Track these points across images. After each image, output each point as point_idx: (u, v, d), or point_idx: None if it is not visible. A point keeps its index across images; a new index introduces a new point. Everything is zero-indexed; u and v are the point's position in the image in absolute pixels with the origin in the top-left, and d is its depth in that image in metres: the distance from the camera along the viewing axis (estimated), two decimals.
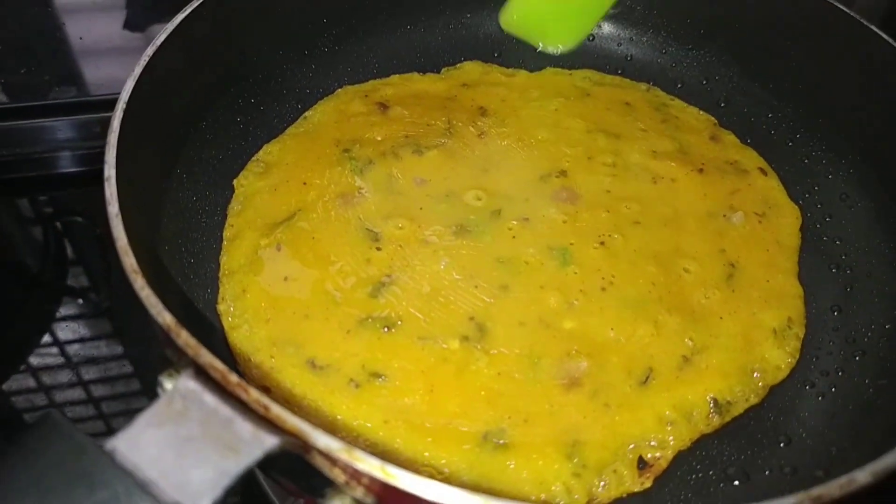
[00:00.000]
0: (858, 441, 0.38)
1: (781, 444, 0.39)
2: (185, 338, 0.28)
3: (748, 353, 0.42)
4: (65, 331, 0.53)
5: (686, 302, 0.43)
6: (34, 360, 0.52)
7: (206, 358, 0.27)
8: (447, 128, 0.51)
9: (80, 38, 0.69)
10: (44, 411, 0.49)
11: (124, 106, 0.37)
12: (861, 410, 0.40)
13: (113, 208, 0.32)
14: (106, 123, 0.59)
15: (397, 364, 0.39)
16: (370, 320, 0.41)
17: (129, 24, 0.71)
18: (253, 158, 0.48)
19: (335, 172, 0.47)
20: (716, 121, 0.54)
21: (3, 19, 0.69)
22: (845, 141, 0.51)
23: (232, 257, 0.43)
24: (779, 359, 0.42)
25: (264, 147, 0.49)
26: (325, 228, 0.44)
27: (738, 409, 0.40)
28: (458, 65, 0.56)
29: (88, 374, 0.51)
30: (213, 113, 0.47)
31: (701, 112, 0.55)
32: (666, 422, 0.39)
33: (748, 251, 0.46)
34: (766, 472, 0.38)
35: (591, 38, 0.59)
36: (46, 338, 0.53)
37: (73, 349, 0.53)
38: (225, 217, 0.45)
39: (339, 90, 0.53)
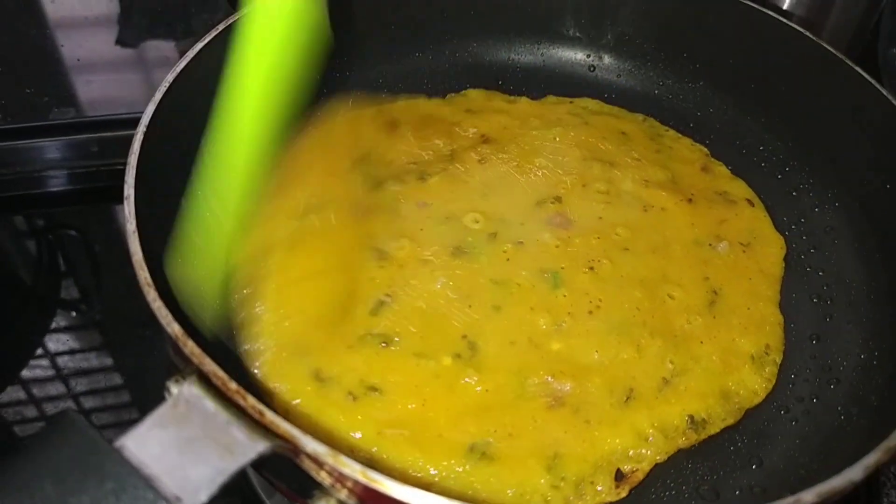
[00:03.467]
0: (827, 465, 0.40)
1: (753, 466, 0.41)
2: (191, 347, 0.31)
3: (726, 377, 0.44)
4: (56, 343, 0.54)
5: (669, 326, 0.45)
6: (25, 373, 0.53)
7: (210, 366, 0.30)
8: (450, 153, 0.53)
9: (78, 60, 0.70)
10: (61, 410, 0.50)
11: (145, 129, 0.40)
12: (831, 437, 0.42)
13: (131, 226, 0.35)
14: (102, 143, 0.62)
15: (393, 379, 0.41)
16: (370, 336, 0.42)
17: (122, 41, 0.72)
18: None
19: (347, 184, 0.49)
20: (708, 152, 0.56)
21: (0, 42, 0.71)
22: (832, 175, 0.53)
23: (247, 244, 0.43)
24: (755, 383, 0.44)
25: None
26: (337, 238, 0.46)
27: (714, 428, 0.42)
28: (463, 91, 0.59)
29: (79, 385, 0.52)
30: None
31: (694, 143, 0.57)
32: (644, 437, 0.41)
33: (731, 279, 0.48)
34: (737, 492, 0.40)
35: (591, 69, 0.62)
36: (38, 350, 0.54)
37: (63, 361, 0.53)
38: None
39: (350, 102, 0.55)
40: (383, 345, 0.42)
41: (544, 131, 0.55)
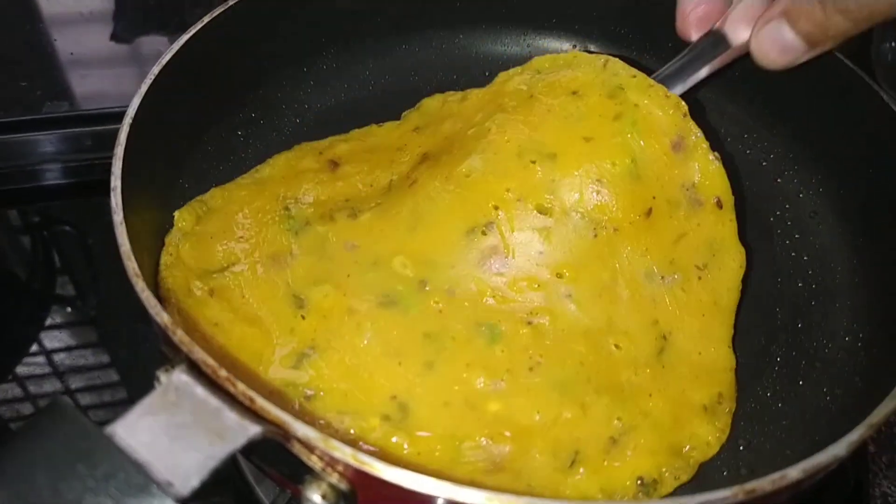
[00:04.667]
0: (813, 445, 0.40)
1: (741, 448, 0.42)
2: (179, 335, 0.31)
3: (678, 432, 0.40)
4: (51, 339, 0.54)
5: (615, 380, 0.41)
6: (20, 369, 0.53)
7: (199, 354, 0.30)
8: (388, 185, 0.48)
9: (71, 54, 0.71)
10: (52, 398, 0.50)
11: (131, 121, 0.40)
12: (817, 417, 0.43)
13: (118, 217, 0.35)
14: (96, 137, 0.62)
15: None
16: (291, 387, 0.39)
17: (117, 37, 0.72)
18: (197, 198, 0.46)
19: (271, 230, 0.45)
20: (685, 109, 0.45)
21: None
22: (816, 161, 0.54)
23: (169, 282, 0.41)
24: (709, 435, 0.41)
25: (211, 190, 0.47)
26: (255, 288, 0.42)
27: (666, 488, 0.39)
28: (418, 104, 0.54)
29: (74, 382, 0.52)
30: (215, 126, 0.50)
31: (669, 94, 0.45)
32: (591, 501, 0.38)
33: (682, 320, 0.43)
34: (724, 473, 0.41)
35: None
36: (33, 346, 0.54)
37: (58, 357, 0.53)
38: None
39: (296, 146, 0.51)
40: (306, 396, 0.39)
41: (481, 127, 0.46)
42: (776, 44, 0.42)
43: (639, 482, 0.39)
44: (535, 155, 0.43)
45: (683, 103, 0.45)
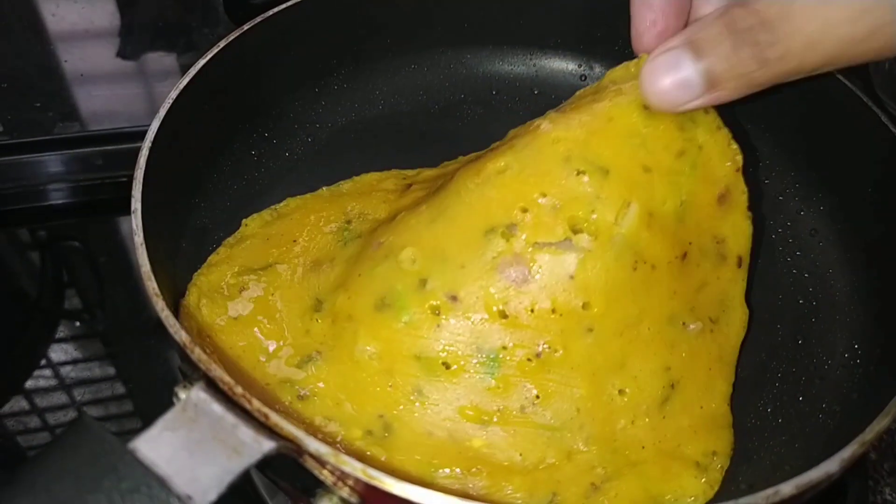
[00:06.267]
0: (810, 461, 0.41)
1: (741, 463, 0.43)
2: (198, 353, 0.32)
3: (664, 484, 0.38)
4: (59, 353, 0.55)
5: (609, 429, 0.38)
6: (29, 384, 0.54)
7: (216, 372, 0.31)
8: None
9: (81, 75, 0.72)
10: (75, 416, 0.51)
11: (150, 144, 0.41)
12: (815, 434, 0.43)
13: (138, 238, 0.37)
14: (106, 157, 0.63)
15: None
16: (288, 384, 0.39)
17: (123, 53, 0.74)
18: (271, 207, 0.49)
19: (325, 239, 0.45)
20: (741, 163, 0.41)
21: (5, 57, 0.73)
22: (817, 179, 0.55)
23: (204, 279, 0.43)
24: (696, 491, 0.39)
25: (286, 199, 0.50)
26: (286, 289, 0.42)
27: None
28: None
29: (83, 395, 0.53)
30: (230, 147, 0.52)
31: (732, 143, 0.41)
32: None
33: (692, 369, 0.40)
34: (728, 485, 0.42)
35: (582, 78, 0.63)
36: (41, 360, 0.55)
37: (66, 371, 0.54)
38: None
39: (387, 171, 0.52)
40: (299, 396, 0.39)
41: (531, 124, 0.41)
42: (672, 75, 0.35)
43: None
44: (585, 165, 0.37)
45: (740, 157, 0.41)
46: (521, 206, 0.37)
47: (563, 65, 0.63)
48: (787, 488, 0.30)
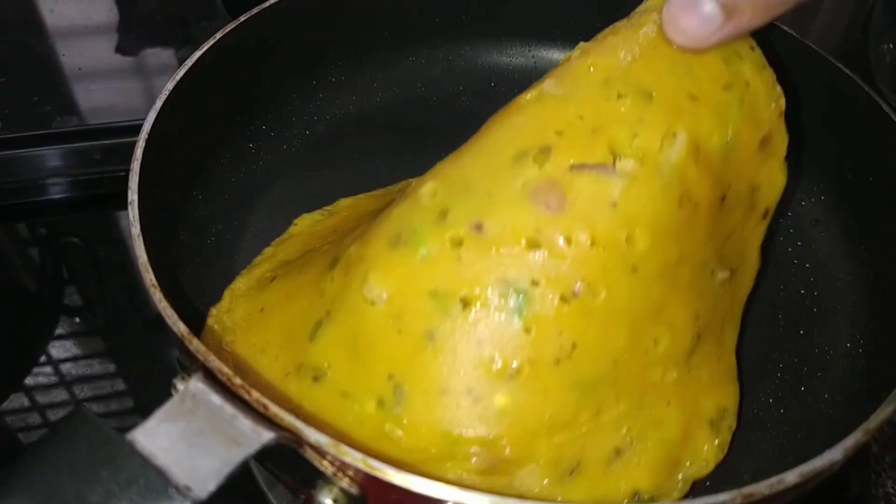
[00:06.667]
0: (813, 451, 0.41)
1: (744, 454, 0.42)
2: (196, 345, 0.32)
3: (683, 447, 0.37)
4: (59, 349, 0.55)
5: (640, 384, 0.35)
6: (28, 380, 0.53)
7: (214, 363, 0.31)
8: None
9: (79, 69, 0.72)
10: (71, 406, 0.51)
11: (146, 136, 0.41)
12: (818, 423, 0.43)
13: (135, 229, 0.36)
14: (105, 151, 0.63)
15: (318, 422, 0.34)
16: (303, 368, 0.35)
17: (121, 49, 0.73)
18: (325, 207, 0.49)
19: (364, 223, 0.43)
20: (783, 107, 0.39)
21: (3, 52, 0.72)
22: (818, 170, 0.54)
23: (243, 280, 0.43)
24: (709, 454, 0.38)
25: (338, 200, 0.50)
26: (313, 262, 0.39)
27: None
28: None
29: (82, 392, 0.52)
30: (227, 139, 0.51)
31: (776, 84, 0.39)
32: None
33: (714, 320, 0.38)
34: (729, 476, 0.41)
35: None
36: (41, 356, 0.55)
37: (66, 367, 0.54)
38: (237, 237, 0.48)
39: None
40: (314, 378, 0.35)
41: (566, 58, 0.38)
42: (691, 9, 0.34)
43: (635, 498, 0.35)
44: (626, 88, 0.34)
45: (783, 100, 0.39)
46: (556, 128, 0.33)
47: (562, 56, 0.61)
48: (792, 477, 0.30)
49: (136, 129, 0.42)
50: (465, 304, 0.32)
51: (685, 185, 0.34)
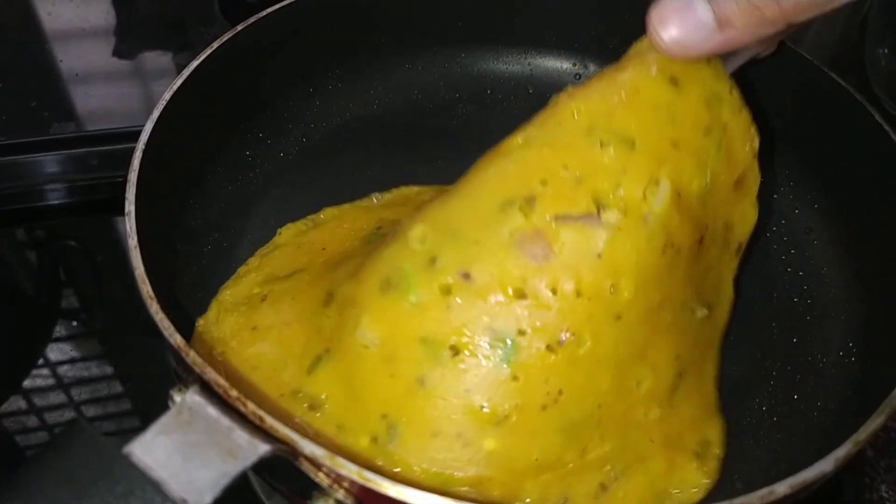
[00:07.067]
0: (806, 460, 0.42)
1: (737, 461, 0.43)
2: (192, 357, 0.32)
3: (669, 478, 0.37)
4: (57, 352, 0.55)
5: (624, 424, 0.36)
6: (26, 383, 0.53)
7: (211, 375, 0.31)
8: None
9: (77, 75, 0.72)
10: (70, 419, 0.51)
11: (144, 146, 0.41)
12: (811, 431, 0.43)
13: (132, 241, 0.37)
14: (102, 157, 0.64)
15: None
16: (300, 394, 0.36)
17: (119, 52, 0.73)
18: (308, 217, 0.49)
19: (353, 244, 0.44)
20: (757, 148, 0.40)
21: (0, 57, 0.73)
22: (812, 178, 0.55)
23: (230, 292, 0.43)
24: (698, 480, 0.38)
25: (324, 209, 0.50)
26: (306, 291, 0.40)
27: None
28: None
29: (80, 395, 0.52)
30: (225, 148, 0.51)
31: (752, 126, 0.39)
32: None
33: (694, 357, 0.39)
34: (721, 483, 0.42)
35: (577, 77, 0.63)
36: (39, 360, 0.55)
37: (64, 370, 0.54)
38: (234, 246, 0.48)
39: (431, 186, 0.50)
40: (310, 407, 0.36)
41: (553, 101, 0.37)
42: (682, 16, 0.34)
43: None
44: (609, 136, 0.34)
45: (757, 140, 0.40)
46: (541, 177, 0.34)
47: (558, 64, 0.63)
48: (782, 488, 0.30)
49: (133, 136, 0.42)
50: (455, 351, 0.33)
51: (668, 232, 0.35)
